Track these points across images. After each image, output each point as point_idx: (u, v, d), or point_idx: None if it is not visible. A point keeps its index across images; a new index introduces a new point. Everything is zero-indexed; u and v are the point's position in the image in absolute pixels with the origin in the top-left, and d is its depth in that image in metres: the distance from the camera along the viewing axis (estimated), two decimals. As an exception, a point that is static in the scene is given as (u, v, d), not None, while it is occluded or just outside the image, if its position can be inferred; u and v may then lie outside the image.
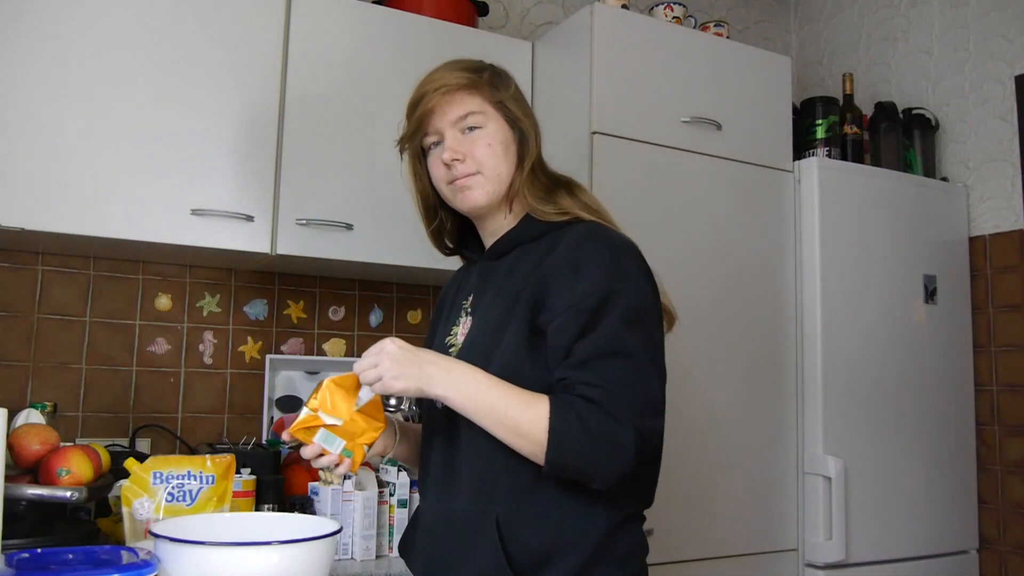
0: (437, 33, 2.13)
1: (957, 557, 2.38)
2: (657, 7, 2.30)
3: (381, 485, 1.83)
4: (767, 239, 2.24)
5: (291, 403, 2.21)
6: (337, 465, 1.15)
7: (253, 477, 1.76)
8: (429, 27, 2.13)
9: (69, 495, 1.33)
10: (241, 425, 2.17)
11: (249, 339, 2.21)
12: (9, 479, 1.31)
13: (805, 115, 2.44)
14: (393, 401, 1.19)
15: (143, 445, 2.03)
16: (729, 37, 2.37)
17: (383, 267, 2.10)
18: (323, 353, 2.29)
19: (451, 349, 1.26)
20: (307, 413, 1.14)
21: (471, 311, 1.27)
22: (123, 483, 1.47)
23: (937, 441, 2.37)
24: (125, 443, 2.01)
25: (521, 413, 1.08)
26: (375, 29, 2.08)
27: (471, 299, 1.29)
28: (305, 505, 1.82)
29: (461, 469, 1.19)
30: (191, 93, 1.84)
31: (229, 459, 1.53)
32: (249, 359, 2.21)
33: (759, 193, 2.25)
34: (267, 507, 1.78)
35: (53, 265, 2.01)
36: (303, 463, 1.95)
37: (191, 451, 2.04)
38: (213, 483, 1.50)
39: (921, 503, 2.31)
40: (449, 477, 1.21)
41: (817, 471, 2.16)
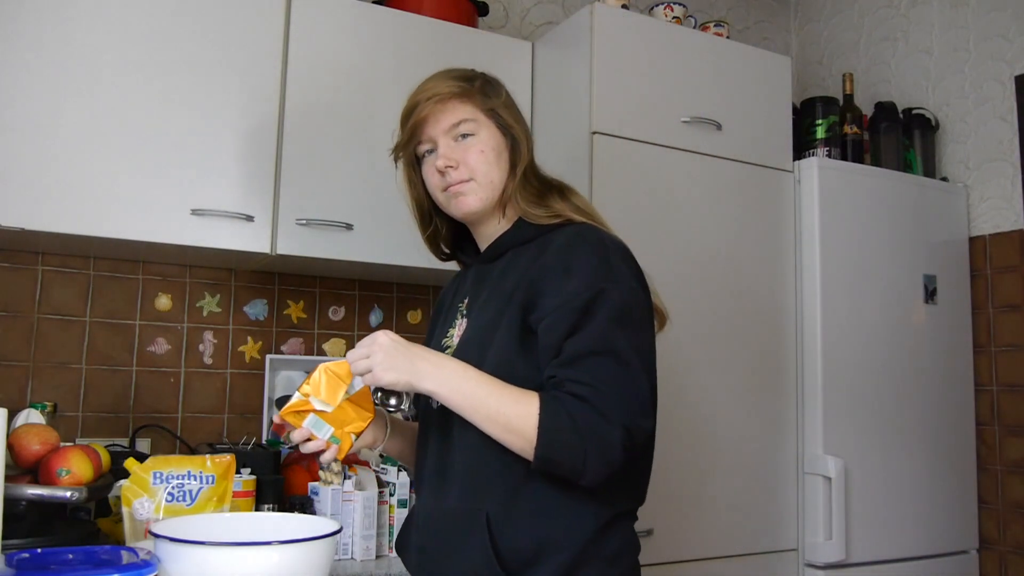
0: (437, 33, 2.13)
1: (957, 557, 2.38)
2: (657, 7, 2.30)
3: (381, 485, 1.83)
4: (767, 239, 2.24)
5: (291, 403, 2.21)
6: (324, 451, 1.17)
7: (253, 477, 1.76)
8: (429, 27, 2.13)
9: (69, 495, 1.33)
10: (241, 425, 2.17)
11: (249, 339, 2.21)
12: (9, 479, 1.31)
13: (805, 115, 2.44)
14: (393, 401, 1.20)
15: (143, 445, 2.03)
16: (729, 37, 2.37)
17: (383, 267, 2.10)
18: (323, 353, 2.29)
19: (447, 351, 1.27)
20: (298, 397, 1.16)
21: (466, 313, 1.30)
22: (123, 483, 1.47)
23: (937, 441, 2.37)
24: (125, 443, 2.01)
25: (511, 409, 1.09)
26: (375, 29, 2.08)
27: (466, 302, 1.31)
28: (305, 505, 1.82)
29: (454, 466, 1.21)
30: (191, 93, 1.84)
31: (229, 459, 1.53)
32: (249, 359, 2.21)
33: (759, 193, 2.25)
34: (267, 507, 1.78)
35: (53, 265, 2.01)
36: (303, 463, 1.95)
37: (191, 451, 2.04)
38: (213, 483, 1.50)
39: (921, 503, 2.31)
40: (442, 474, 1.23)
41: (817, 471, 2.16)
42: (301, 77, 1.96)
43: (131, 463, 1.47)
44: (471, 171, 1.25)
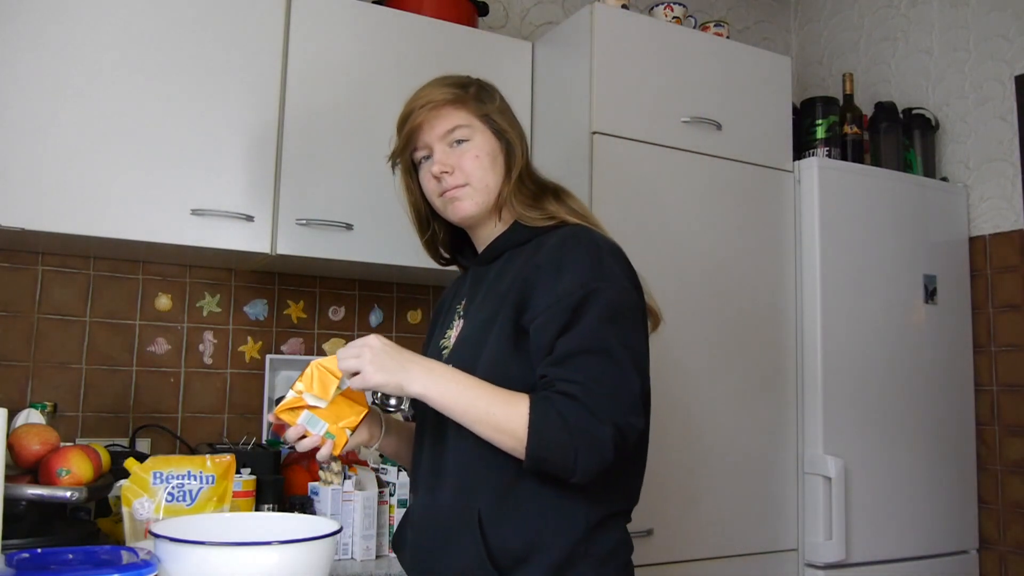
0: (437, 33, 2.13)
1: (957, 557, 2.38)
2: (657, 7, 2.30)
3: (381, 485, 1.83)
4: (767, 239, 2.24)
5: (291, 403, 2.21)
6: (319, 448, 1.17)
7: (253, 477, 1.76)
8: (429, 27, 2.13)
9: (69, 495, 1.33)
10: (241, 425, 2.17)
11: (249, 339, 2.21)
12: (9, 479, 1.31)
13: (805, 115, 2.44)
14: (393, 401, 1.21)
15: (143, 445, 2.03)
16: (729, 37, 2.37)
17: (383, 267, 2.10)
18: (323, 353, 2.29)
19: (444, 351, 1.29)
20: (292, 395, 1.16)
21: (463, 314, 1.31)
22: (123, 483, 1.47)
23: (937, 441, 2.37)
24: (125, 443, 2.01)
25: (501, 410, 1.10)
26: (375, 29, 2.08)
27: (464, 303, 1.33)
28: (305, 505, 1.82)
29: (448, 465, 1.22)
30: (191, 92, 1.84)
31: (229, 459, 1.53)
32: (249, 359, 2.21)
33: (759, 193, 2.25)
34: (267, 507, 1.78)
35: (53, 265, 2.01)
36: (303, 463, 1.95)
37: (191, 451, 2.04)
38: (213, 483, 1.50)
39: (921, 503, 2.31)
40: (437, 473, 1.24)
41: (817, 471, 2.16)
42: (301, 77, 1.96)
43: (131, 463, 1.47)
44: (466, 176, 1.27)
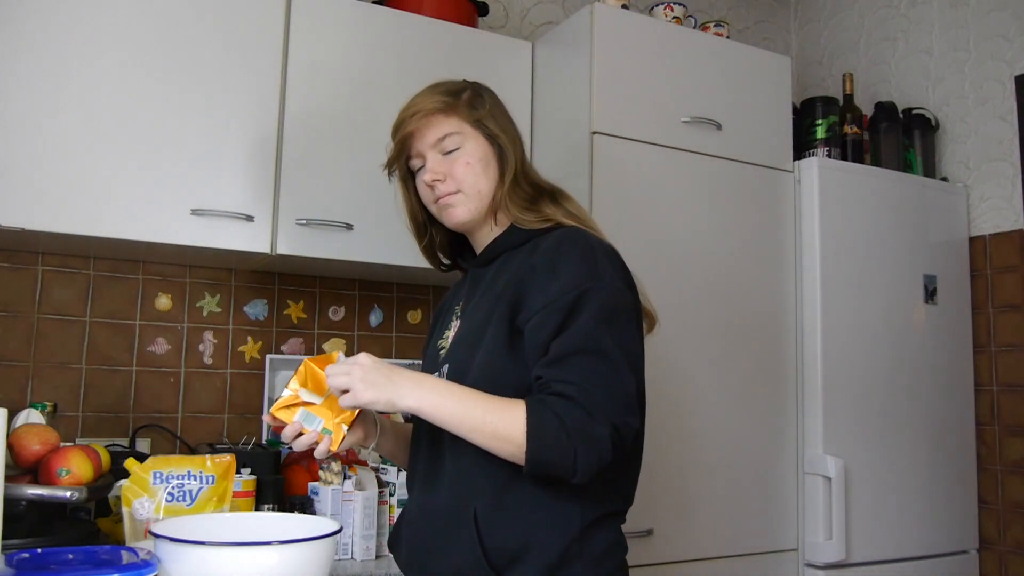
0: (437, 33, 2.13)
1: (957, 557, 2.38)
2: (657, 7, 2.30)
3: (381, 485, 1.83)
4: (767, 239, 2.24)
5: (291, 403, 2.21)
6: (317, 444, 1.17)
7: (253, 477, 1.76)
8: (429, 27, 2.13)
9: (69, 495, 1.33)
10: (241, 425, 2.17)
11: (249, 339, 2.21)
12: (9, 479, 1.31)
13: (805, 115, 2.44)
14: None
15: (143, 445, 2.03)
16: (729, 37, 2.37)
17: (383, 267, 2.10)
18: (323, 353, 2.29)
19: (441, 352, 1.30)
20: (287, 393, 1.17)
21: (460, 315, 1.32)
22: (123, 483, 1.47)
23: (937, 441, 2.37)
24: (125, 443, 2.01)
25: (497, 417, 1.10)
26: (375, 29, 2.08)
27: (462, 304, 1.34)
28: (305, 505, 1.82)
29: (444, 464, 1.22)
30: (191, 92, 1.84)
31: (229, 459, 1.54)
32: (249, 359, 2.21)
33: (759, 193, 2.25)
34: (267, 507, 1.78)
35: (53, 265, 2.01)
36: (303, 463, 1.95)
37: (191, 451, 2.04)
38: (213, 483, 1.50)
39: (921, 503, 2.31)
40: (433, 473, 1.24)
41: (817, 471, 2.16)
42: (301, 77, 1.96)
43: (131, 463, 1.47)
44: (458, 183, 1.28)
